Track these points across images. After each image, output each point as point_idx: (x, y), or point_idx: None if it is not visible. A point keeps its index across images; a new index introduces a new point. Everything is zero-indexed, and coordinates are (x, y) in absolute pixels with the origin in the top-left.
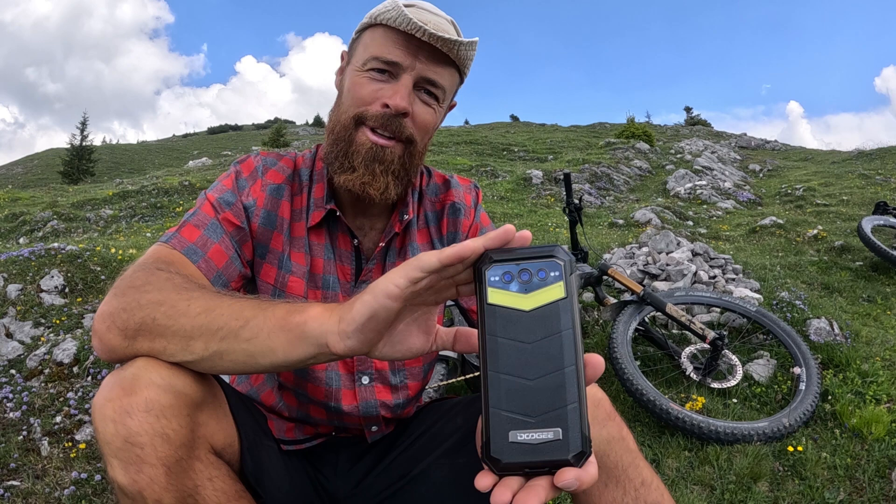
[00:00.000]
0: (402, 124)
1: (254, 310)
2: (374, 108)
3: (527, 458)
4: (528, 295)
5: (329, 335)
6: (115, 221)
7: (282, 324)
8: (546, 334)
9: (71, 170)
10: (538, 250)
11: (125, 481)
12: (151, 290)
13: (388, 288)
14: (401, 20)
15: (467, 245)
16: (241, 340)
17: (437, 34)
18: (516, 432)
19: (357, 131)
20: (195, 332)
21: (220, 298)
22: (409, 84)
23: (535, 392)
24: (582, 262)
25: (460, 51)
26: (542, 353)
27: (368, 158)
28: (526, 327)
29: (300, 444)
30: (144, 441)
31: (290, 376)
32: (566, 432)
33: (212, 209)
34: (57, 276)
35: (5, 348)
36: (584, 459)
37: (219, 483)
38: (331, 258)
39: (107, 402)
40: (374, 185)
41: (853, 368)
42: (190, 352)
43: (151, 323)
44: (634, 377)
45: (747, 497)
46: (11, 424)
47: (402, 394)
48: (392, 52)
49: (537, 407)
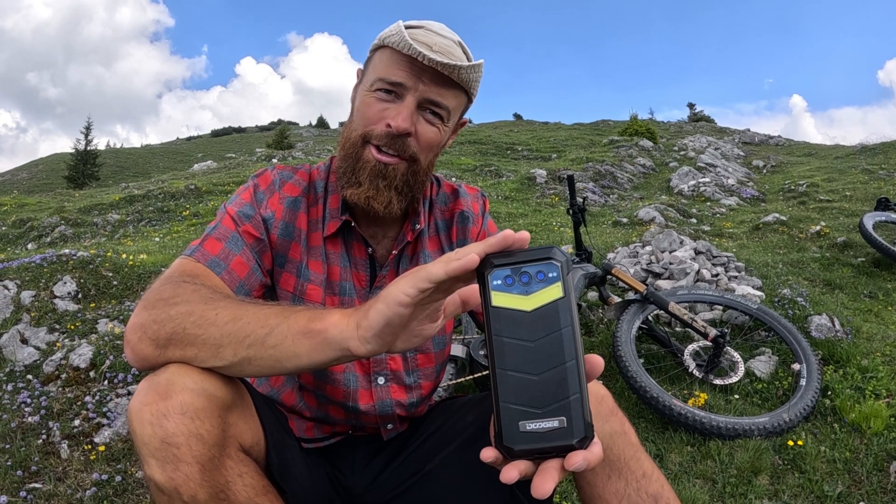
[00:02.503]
0: (405, 143)
1: (278, 317)
2: (379, 128)
3: (536, 445)
4: (529, 296)
5: (350, 340)
6: (123, 226)
7: (305, 330)
8: (547, 332)
9: (76, 174)
10: (536, 252)
11: (162, 479)
12: (180, 302)
13: (399, 297)
14: (403, 45)
15: (471, 257)
16: (267, 347)
17: (438, 59)
18: (525, 422)
19: (364, 149)
20: (224, 339)
21: (246, 307)
22: (413, 105)
23: (541, 386)
24: (586, 262)
25: (462, 74)
26: (544, 350)
27: (373, 174)
28: (528, 327)
29: (319, 443)
30: (180, 441)
31: (310, 378)
32: (570, 420)
33: (232, 222)
34: (70, 282)
35: (21, 354)
36: (588, 442)
37: (248, 479)
38: (346, 266)
39: (144, 406)
40: (378, 199)
41: (853, 364)
42: (220, 358)
43: (182, 333)
44: (638, 374)
45: (748, 490)
46: (31, 428)
47: (416, 393)
48: (396, 73)
49: (543, 399)
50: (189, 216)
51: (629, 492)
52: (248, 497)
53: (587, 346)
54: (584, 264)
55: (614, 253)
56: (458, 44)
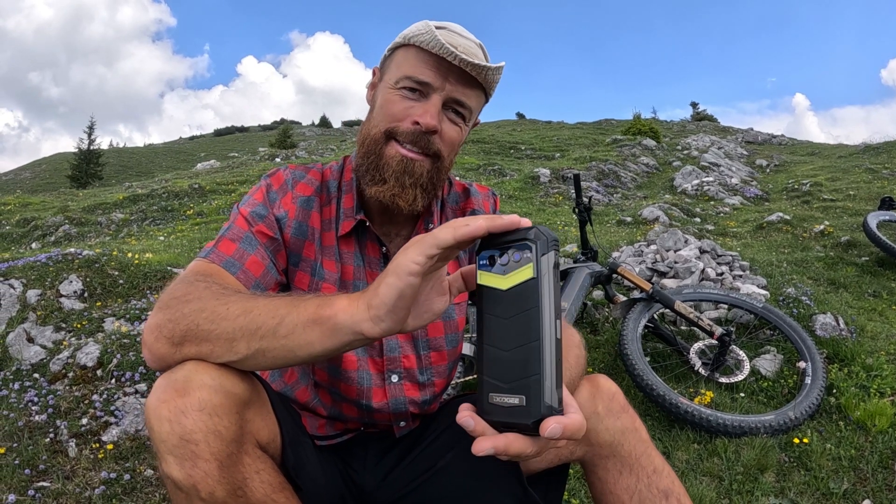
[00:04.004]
0: (430, 140)
1: (287, 307)
2: (406, 125)
3: (501, 419)
4: (506, 276)
5: (361, 323)
6: (127, 225)
7: (314, 318)
8: (518, 311)
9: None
10: (519, 234)
11: (180, 476)
12: (192, 300)
13: (410, 267)
14: (433, 44)
15: (479, 224)
16: (279, 337)
17: (468, 59)
18: (494, 395)
19: (387, 145)
20: (237, 333)
21: (256, 300)
22: (439, 104)
23: (509, 362)
24: (592, 260)
25: (488, 75)
26: (514, 327)
27: (399, 171)
28: (504, 305)
29: (331, 440)
30: (199, 438)
31: (325, 375)
32: (528, 400)
33: (245, 223)
34: (76, 280)
35: (27, 353)
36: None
37: (265, 476)
38: (360, 265)
39: (161, 403)
40: (404, 196)
41: (858, 363)
42: (234, 352)
43: (196, 329)
44: (644, 373)
45: (754, 487)
46: (38, 427)
47: (429, 391)
48: (424, 72)
49: (509, 375)
50: (193, 215)
51: (640, 487)
52: (264, 494)
53: (592, 345)
54: (589, 263)
55: (619, 252)
56: (479, 46)
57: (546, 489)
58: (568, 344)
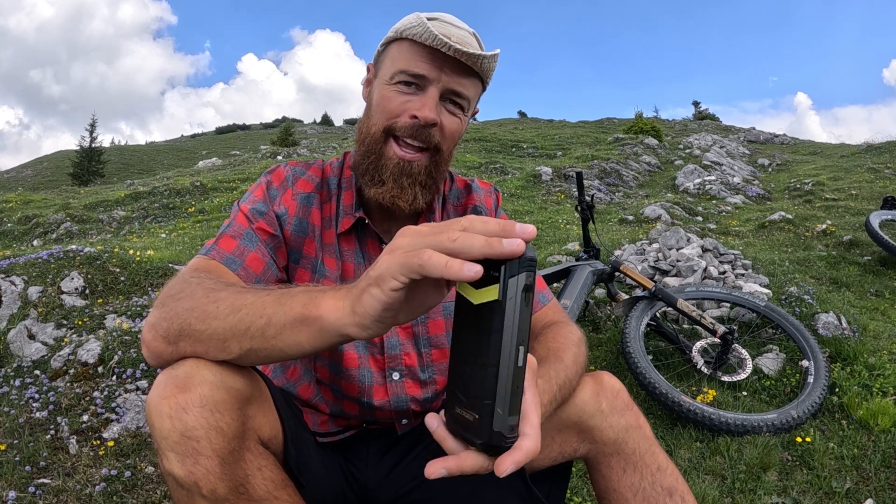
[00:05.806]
0: (430, 134)
1: (274, 305)
2: (403, 120)
3: (460, 431)
4: (478, 290)
5: (347, 328)
6: (128, 223)
7: (300, 318)
8: (481, 331)
9: (81, 171)
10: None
11: (181, 473)
12: (184, 298)
13: (391, 283)
14: (426, 36)
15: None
16: (268, 338)
17: (462, 49)
18: (456, 406)
19: (386, 145)
20: (227, 333)
21: (244, 296)
22: (436, 96)
23: (469, 378)
24: (594, 258)
25: (483, 63)
26: (477, 346)
27: (396, 173)
28: (472, 319)
29: (333, 437)
30: (200, 435)
31: (326, 373)
32: (480, 420)
33: (246, 219)
34: (77, 277)
35: (28, 349)
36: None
37: (267, 472)
38: (360, 262)
39: (162, 399)
40: (403, 197)
41: (860, 362)
42: (228, 352)
43: (189, 328)
44: (647, 371)
45: (757, 486)
46: (39, 424)
47: (431, 388)
48: (418, 65)
49: (469, 390)
50: (194, 213)
51: (644, 485)
52: (267, 491)
53: (594, 343)
54: (592, 261)
55: (621, 250)
56: (472, 34)
57: (549, 487)
58: (566, 342)
